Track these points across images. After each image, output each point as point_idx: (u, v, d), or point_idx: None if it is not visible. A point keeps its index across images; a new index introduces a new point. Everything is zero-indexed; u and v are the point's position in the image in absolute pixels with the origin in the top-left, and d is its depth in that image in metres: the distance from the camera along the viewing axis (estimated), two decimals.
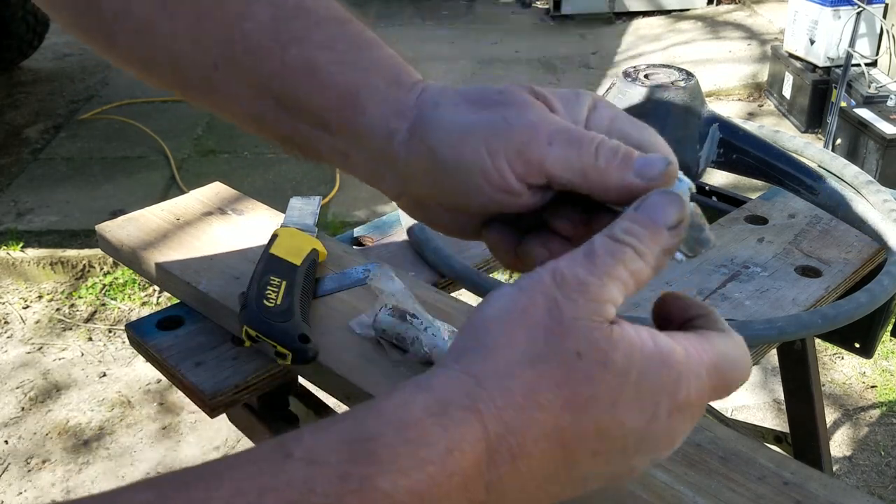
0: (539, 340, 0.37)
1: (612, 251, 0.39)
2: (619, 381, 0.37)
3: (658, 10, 5.40)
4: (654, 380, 0.38)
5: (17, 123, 3.85)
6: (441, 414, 0.35)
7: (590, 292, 0.37)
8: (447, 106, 0.45)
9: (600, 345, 0.37)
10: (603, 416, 0.37)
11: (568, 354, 0.36)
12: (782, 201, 1.01)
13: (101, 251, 1.08)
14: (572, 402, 0.36)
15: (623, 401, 0.37)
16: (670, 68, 0.99)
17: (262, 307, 0.69)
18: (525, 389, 0.36)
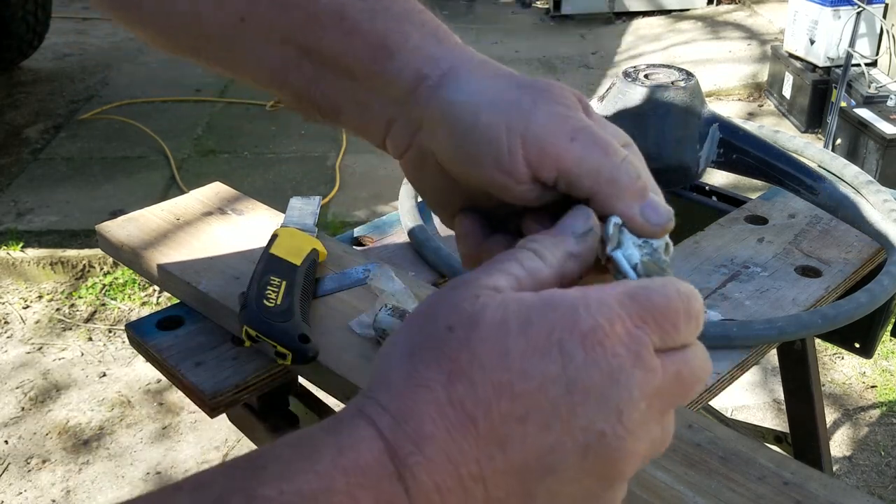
0: (414, 332, 0.36)
1: (511, 253, 0.39)
2: (497, 334, 0.34)
3: (658, 10, 5.40)
4: (542, 321, 0.34)
5: (17, 123, 3.85)
6: (333, 428, 0.34)
7: (469, 282, 0.37)
8: (486, 68, 0.45)
9: (468, 310, 0.35)
10: (494, 373, 0.34)
11: (439, 331, 0.35)
12: (782, 201, 1.01)
13: (101, 251, 1.08)
14: (456, 371, 0.34)
15: (512, 351, 0.34)
16: (670, 68, 0.99)
17: (262, 307, 0.69)
18: (404, 376, 0.35)
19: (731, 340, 0.75)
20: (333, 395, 0.69)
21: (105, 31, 5.13)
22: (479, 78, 0.44)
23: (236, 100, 4.06)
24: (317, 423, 0.36)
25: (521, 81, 0.44)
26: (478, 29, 5.24)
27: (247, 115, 3.90)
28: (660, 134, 0.94)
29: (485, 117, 0.42)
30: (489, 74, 0.45)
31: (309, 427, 0.36)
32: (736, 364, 0.74)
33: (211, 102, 4.04)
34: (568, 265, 0.40)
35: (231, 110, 3.97)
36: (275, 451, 0.34)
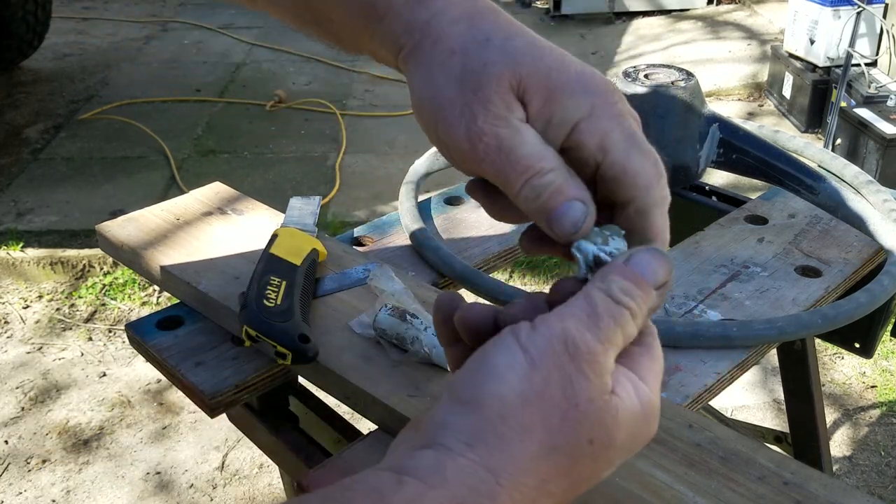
0: (555, 428, 0.37)
1: (612, 314, 0.39)
2: (616, 454, 0.39)
3: (658, 9, 5.40)
4: (638, 436, 0.40)
5: (17, 123, 3.85)
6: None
7: (598, 364, 0.38)
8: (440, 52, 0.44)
9: (609, 430, 0.38)
10: (593, 481, 0.39)
11: (581, 443, 0.37)
12: (782, 201, 1.01)
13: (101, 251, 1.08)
14: (577, 483, 0.38)
15: (613, 463, 0.40)
16: (670, 68, 0.99)
17: (262, 307, 0.69)
18: (538, 481, 0.37)
19: (731, 340, 0.75)
20: (333, 395, 0.69)
21: (105, 31, 5.13)
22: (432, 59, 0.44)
23: (236, 100, 4.06)
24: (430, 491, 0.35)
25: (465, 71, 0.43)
26: None
27: (247, 115, 3.90)
28: (660, 134, 0.94)
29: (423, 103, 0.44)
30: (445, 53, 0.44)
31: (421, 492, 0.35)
32: (736, 364, 0.74)
33: (211, 102, 4.04)
34: (647, 322, 0.42)
35: (231, 110, 3.97)
36: None
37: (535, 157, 0.42)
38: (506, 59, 0.43)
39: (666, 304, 0.82)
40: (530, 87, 0.43)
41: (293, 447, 0.79)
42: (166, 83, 4.24)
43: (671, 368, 0.73)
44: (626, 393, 0.39)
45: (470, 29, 0.44)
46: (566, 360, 0.37)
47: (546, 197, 0.42)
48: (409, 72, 0.46)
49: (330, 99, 3.96)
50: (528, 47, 0.44)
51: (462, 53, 0.44)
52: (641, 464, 0.57)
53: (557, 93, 0.43)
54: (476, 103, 0.42)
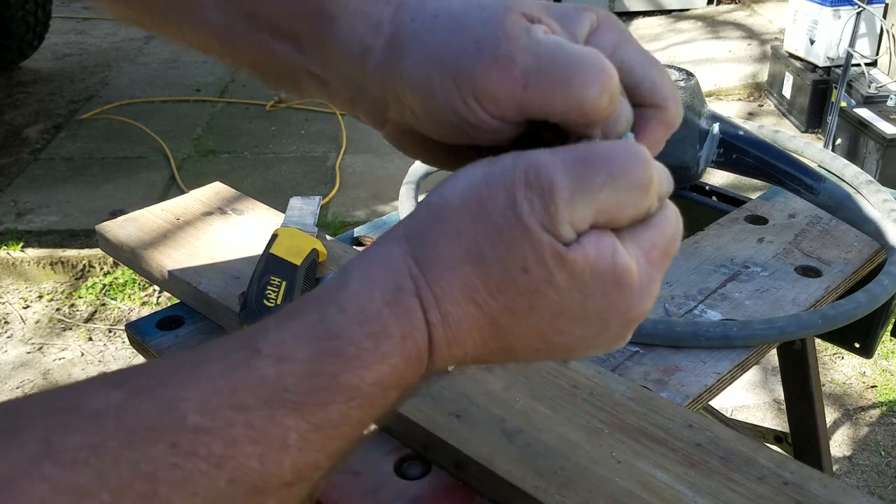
0: (486, 240, 0.36)
1: (611, 168, 0.36)
2: (561, 298, 0.36)
3: (658, 9, 5.40)
4: (605, 301, 0.37)
5: (17, 123, 3.85)
6: (394, 302, 0.36)
7: (554, 203, 0.35)
8: (424, 22, 0.40)
9: (548, 263, 0.35)
10: (541, 324, 0.37)
11: (513, 266, 0.36)
12: (782, 201, 1.01)
13: (101, 251, 1.08)
14: (510, 308, 0.37)
15: (566, 315, 0.37)
16: (670, 68, 0.99)
17: (262, 307, 0.69)
18: (462, 285, 0.36)
19: (731, 340, 0.75)
20: None
21: (105, 31, 5.13)
22: (419, 32, 0.40)
23: (236, 100, 4.06)
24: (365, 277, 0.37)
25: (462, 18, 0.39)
26: None
27: (247, 115, 3.90)
28: None
29: (434, 83, 0.39)
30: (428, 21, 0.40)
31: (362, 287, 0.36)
32: (736, 364, 0.74)
33: (211, 102, 4.04)
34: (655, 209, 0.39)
35: (231, 110, 3.97)
36: (345, 329, 0.35)
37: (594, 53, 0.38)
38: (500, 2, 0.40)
39: (666, 304, 0.82)
40: (538, 15, 0.40)
41: None
42: (166, 83, 4.24)
43: (671, 368, 0.73)
44: (595, 247, 0.36)
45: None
46: (519, 184, 0.35)
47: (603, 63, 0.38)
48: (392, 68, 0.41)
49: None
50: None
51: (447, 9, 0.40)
52: (641, 464, 0.57)
53: (563, 16, 0.41)
54: (492, 34, 0.38)
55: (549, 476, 0.55)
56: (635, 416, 0.61)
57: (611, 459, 0.57)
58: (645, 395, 0.64)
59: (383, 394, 0.36)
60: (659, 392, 0.69)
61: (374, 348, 0.35)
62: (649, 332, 0.75)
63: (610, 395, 0.63)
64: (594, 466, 0.56)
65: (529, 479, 0.55)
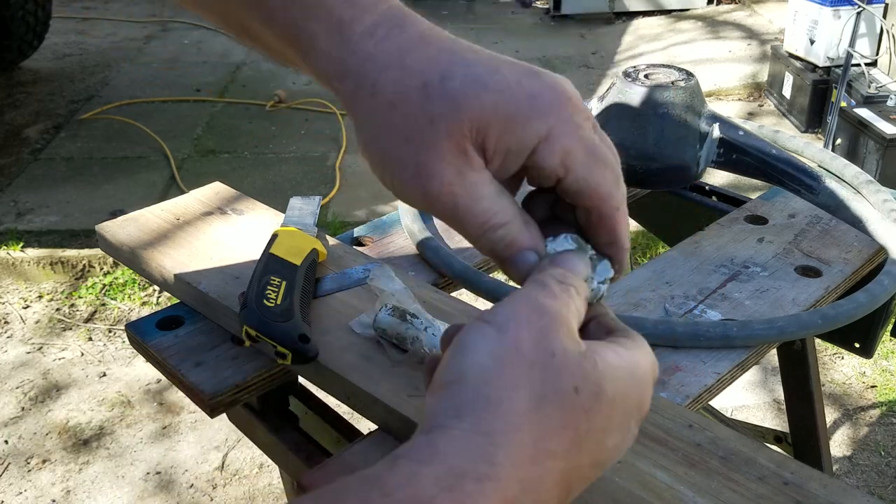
0: (537, 380, 0.36)
1: (562, 287, 0.41)
2: (609, 410, 0.38)
3: (658, 9, 5.40)
4: (630, 399, 0.39)
5: (17, 123, 3.85)
6: (455, 488, 0.32)
7: (567, 322, 0.39)
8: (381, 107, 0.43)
9: (592, 377, 0.37)
10: (596, 447, 0.38)
11: (567, 391, 0.36)
12: (782, 201, 1.01)
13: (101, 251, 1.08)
14: (575, 441, 0.37)
15: (610, 426, 0.38)
16: (670, 68, 0.99)
17: (262, 307, 0.69)
18: (534, 438, 0.35)
19: (731, 340, 0.75)
20: (333, 395, 0.69)
21: (105, 31, 5.13)
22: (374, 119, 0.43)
23: (236, 100, 4.06)
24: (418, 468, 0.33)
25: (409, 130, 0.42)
26: (478, 29, 5.23)
27: (247, 115, 3.90)
28: (660, 134, 0.94)
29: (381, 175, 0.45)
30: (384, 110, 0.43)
31: (416, 470, 0.33)
32: (736, 364, 0.74)
33: (211, 102, 4.04)
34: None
35: (231, 110, 3.97)
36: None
37: (490, 212, 0.43)
38: (450, 108, 0.41)
39: (666, 304, 0.82)
40: (482, 128, 0.42)
41: (293, 447, 0.79)
42: (166, 83, 4.24)
43: (671, 368, 0.73)
44: (604, 350, 0.39)
45: (403, 75, 0.42)
46: (534, 318, 0.38)
47: (501, 248, 0.44)
48: (352, 114, 0.45)
49: (330, 99, 3.96)
50: (469, 84, 0.42)
51: (403, 107, 0.42)
52: (641, 464, 0.57)
53: (511, 124, 0.42)
54: (428, 164, 0.42)
55: None
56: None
57: None
58: None
59: None
60: (659, 392, 0.69)
61: None
62: (649, 332, 0.75)
63: None
64: None
65: None
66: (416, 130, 0.42)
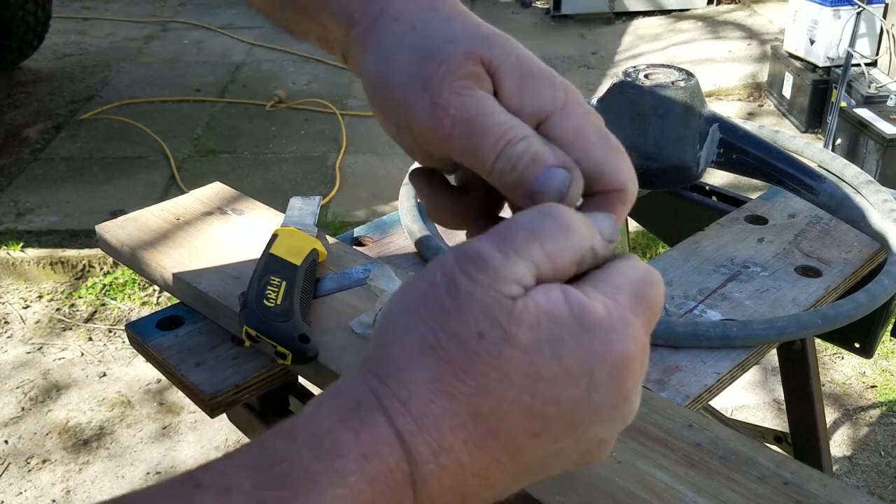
0: (436, 324, 0.34)
1: (528, 226, 0.36)
2: (530, 357, 0.34)
3: (658, 9, 5.40)
4: (577, 349, 0.34)
5: (17, 123, 3.85)
6: (351, 417, 0.33)
7: (489, 267, 0.34)
8: (401, 29, 0.42)
9: (500, 321, 0.34)
10: (523, 396, 0.34)
11: (468, 336, 0.34)
12: (782, 201, 1.01)
13: (101, 251, 1.08)
14: (484, 386, 0.34)
15: (544, 376, 0.34)
16: (670, 68, 0.99)
17: (262, 307, 0.69)
18: (429, 378, 0.34)
19: (731, 340, 0.75)
20: None
21: (105, 31, 5.13)
22: (389, 44, 0.42)
23: (236, 100, 4.06)
24: (321, 404, 0.34)
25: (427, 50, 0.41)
26: None
27: (247, 115, 3.90)
28: (660, 134, 0.94)
29: (386, 94, 0.42)
30: (404, 32, 0.42)
31: (318, 406, 0.34)
32: (736, 364, 0.74)
33: (211, 102, 4.04)
34: (586, 260, 0.37)
35: (231, 110, 3.97)
36: (294, 452, 0.32)
37: (507, 124, 0.40)
38: (472, 36, 0.42)
39: (666, 304, 0.82)
40: (502, 67, 0.41)
41: None
42: (166, 83, 4.24)
43: (671, 368, 0.73)
44: (544, 295, 0.35)
45: (431, 7, 0.43)
46: (452, 265, 0.35)
47: (523, 166, 0.39)
48: (362, 50, 0.44)
49: (330, 99, 3.96)
50: (494, 33, 0.42)
51: (423, 28, 0.42)
52: (641, 464, 0.57)
53: (529, 79, 0.41)
54: (440, 75, 0.40)
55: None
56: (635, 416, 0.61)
57: (611, 459, 0.57)
58: (645, 395, 0.64)
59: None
60: (659, 392, 0.69)
61: (326, 469, 0.32)
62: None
63: None
64: (594, 466, 0.56)
65: None
66: (433, 48, 0.41)
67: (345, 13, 0.44)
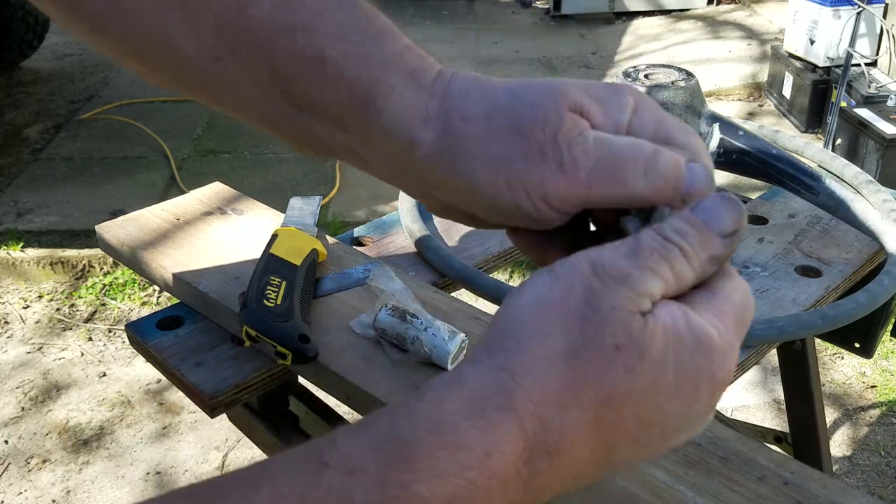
0: (575, 332, 0.36)
1: (658, 248, 0.38)
2: (657, 373, 0.36)
3: (658, 9, 5.40)
4: (693, 367, 0.37)
5: (17, 123, 3.85)
6: (477, 415, 0.34)
7: (629, 283, 0.36)
8: (477, 123, 0.43)
9: (638, 336, 0.36)
10: (642, 408, 0.36)
11: (606, 347, 0.35)
12: (782, 201, 1.01)
13: (101, 251, 1.08)
14: (611, 397, 0.35)
15: (663, 391, 0.36)
16: (670, 68, 0.99)
17: (262, 307, 0.69)
18: (562, 385, 0.35)
19: None
20: (333, 395, 0.69)
21: None
22: (474, 132, 0.43)
23: None
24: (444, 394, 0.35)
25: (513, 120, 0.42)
26: (478, 29, 5.24)
27: None
28: None
29: (499, 183, 0.42)
30: (481, 121, 0.43)
31: (441, 396, 0.35)
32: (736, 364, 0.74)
33: None
34: (707, 269, 0.39)
35: None
36: (417, 437, 0.33)
37: (637, 144, 0.41)
38: (547, 93, 0.42)
39: None
40: (584, 104, 0.42)
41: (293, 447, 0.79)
42: None
43: None
44: (669, 314, 0.37)
45: (486, 93, 0.43)
46: (591, 277, 0.36)
47: (672, 170, 0.41)
48: (444, 161, 0.43)
49: None
50: (551, 81, 0.43)
51: (495, 109, 0.42)
52: (641, 464, 0.57)
53: (605, 99, 0.43)
54: (550, 137, 0.41)
55: None
56: None
57: None
58: None
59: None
60: None
61: (449, 458, 0.33)
62: None
63: None
64: None
65: None
66: (522, 119, 0.42)
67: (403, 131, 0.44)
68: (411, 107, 0.43)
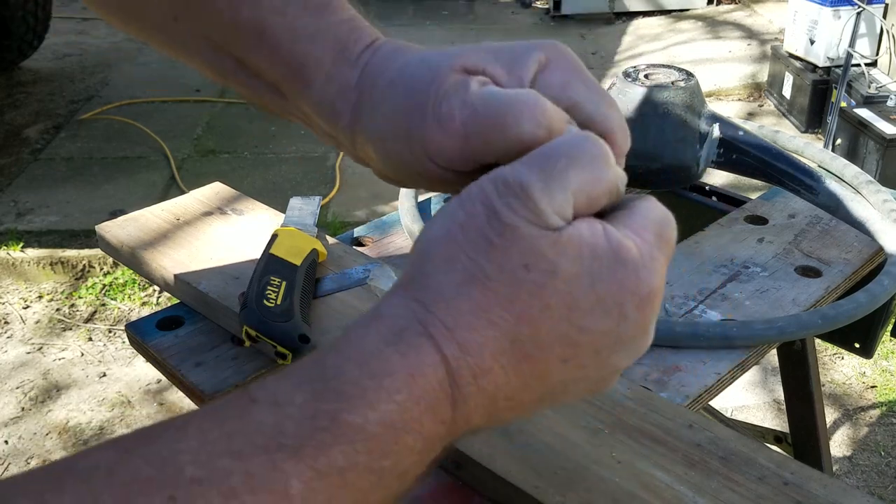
0: (482, 257, 0.36)
1: (567, 151, 0.37)
2: (571, 288, 0.36)
3: (658, 10, 5.40)
4: (612, 281, 0.37)
5: (17, 123, 3.85)
6: (397, 342, 0.35)
7: (531, 198, 0.36)
8: (384, 89, 0.44)
9: (546, 254, 0.36)
10: (561, 324, 0.36)
11: (514, 269, 0.36)
12: (782, 201, 1.01)
13: (101, 251, 1.08)
14: (526, 316, 0.36)
15: (581, 307, 0.36)
16: (670, 68, 0.99)
17: (262, 307, 0.69)
18: (473, 308, 0.36)
19: (731, 340, 0.75)
20: None
21: (105, 31, 5.13)
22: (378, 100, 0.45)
23: (236, 100, 4.06)
24: (366, 327, 0.36)
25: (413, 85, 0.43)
26: (478, 29, 5.24)
27: (247, 115, 3.90)
28: (660, 134, 0.94)
29: (393, 144, 0.44)
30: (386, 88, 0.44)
31: (363, 330, 0.36)
32: (736, 364, 0.74)
33: (211, 102, 4.04)
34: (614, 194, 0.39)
35: (231, 110, 3.97)
36: (343, 369, 0.34)
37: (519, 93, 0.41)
38: (447, 57, 0.43)
39: (666, 304, 0.82)
40: (484, 64, 0.43)
41: None
42: (166, 83, 4.24)
43: (671, 368, 0.73)
44: (583, 229, 0.36)
45: (403, 60, 0.45)
46: (493, 195, 0.36)
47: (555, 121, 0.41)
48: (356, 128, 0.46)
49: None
50: (460, 47, 0.45)
51: (400, 75, 0.44)
52: (641, 464, 0.57)
53: (512, 60, 0.43)
54: (433, 93, 0.42)
55: (549, 476, 0.55)
56: (635, 416, 0.61)
57: (611, 459, 0.57)
58: (645, 395, 0.64)
59: (395, 438, 0.34)
60: (659, 392, 0.69)
61: (376, 386, 0.34)
62: None
63: (610, 396, 0.63)
64: (594, 466, 0.56)
65: (529, 479, 0.55)
66: (416, 84, 0.43)
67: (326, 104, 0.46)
68: (335, 79, 0.46)
